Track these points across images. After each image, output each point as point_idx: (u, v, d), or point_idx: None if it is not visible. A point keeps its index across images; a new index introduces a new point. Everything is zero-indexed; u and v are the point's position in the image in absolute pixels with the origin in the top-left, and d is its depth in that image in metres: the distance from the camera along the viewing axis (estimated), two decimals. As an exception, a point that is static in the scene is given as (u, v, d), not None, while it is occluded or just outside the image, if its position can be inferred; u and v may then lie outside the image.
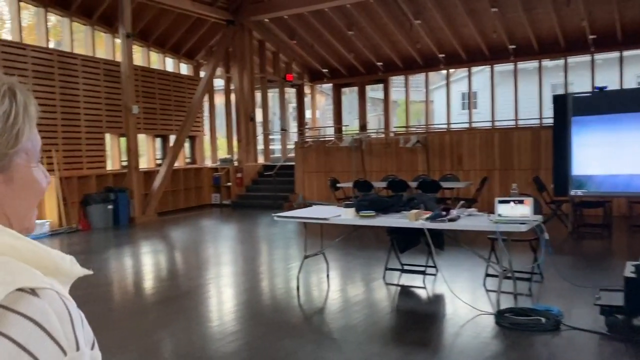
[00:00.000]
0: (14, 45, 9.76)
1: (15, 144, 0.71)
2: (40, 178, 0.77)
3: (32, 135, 0.74)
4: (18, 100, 0.72)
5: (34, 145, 0.75)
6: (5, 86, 0.71)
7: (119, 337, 4.23)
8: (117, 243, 9.19)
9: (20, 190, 0.74)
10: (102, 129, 11.42)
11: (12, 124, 0.70)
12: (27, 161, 0.74)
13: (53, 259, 0.70)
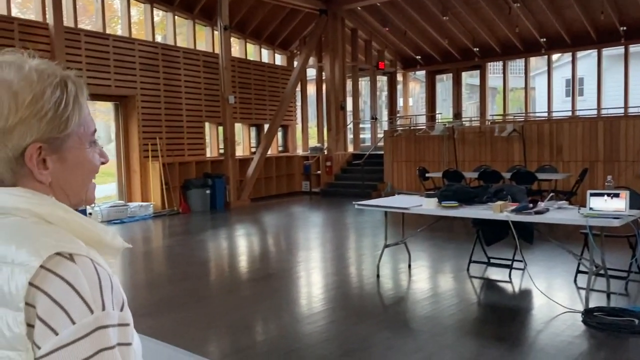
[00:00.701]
0: (123, 40, 10.57)
1: (65, 128, 0.83)
2: (94, 158, 0.90)
3: (83, 121, 0.87)
4: (69, 90, 0.85)
5: (85, 129, 0.87)
6: (57, 78, 0.84)
7: (212, 312, 4.53)
8: (214, 225, 9.72)
9: (73, 168, 0.86)
10: (202, 118, 12.07)
11: (62, 111, 0.82)
12: (79, 143, 0.86)
13: (97, 231, 0.83)
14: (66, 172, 0.85)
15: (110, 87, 10.23)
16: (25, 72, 0.82)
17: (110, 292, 0.78)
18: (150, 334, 3.92)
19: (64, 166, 0.85)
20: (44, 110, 0.81)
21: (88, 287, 0.74)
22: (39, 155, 0.82)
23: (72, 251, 0.76)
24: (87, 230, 0.82)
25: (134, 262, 7.05)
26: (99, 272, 0.77)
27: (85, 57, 9.76)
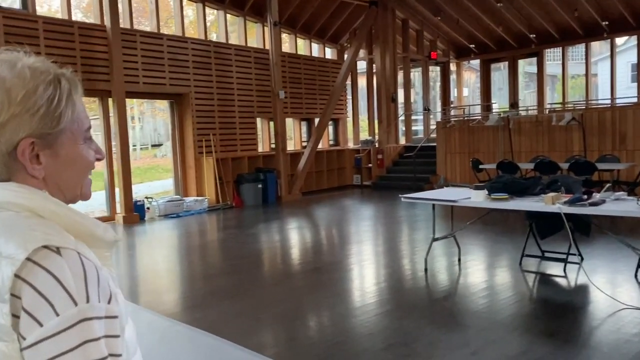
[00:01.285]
0: (177, 39, 10.86)
1: (57, 124, 0.85)
2: (88, 154, 0.91)
3: (76, 117, 0.89)
4: (62, 87, 0.87)
5: (79, 125, 0.89)
6: (51, 75, 0.86)
7: (260, 304, 4.62)
8: (266, 219, 9.87)
9: (67, 164, 0.88)
10: (254, 114, 12.25)
11: (55, 107, 0.84)
12: (72, 139, 0.88)
13: (88, 225, 0.86)
14: (60, 167, 0.87)
15: (165, 86, 10.55)
16: (18, 70, 0.84)
17: (97, 285, 0.79)
18: (198, 324, 4.04)
19: (57, 162, 0.87)
20: (37, 106, 0.83)
21: (72, 279, 0.76)
22: (32, 150, 0.84)
23: (59, 244, 0.78)
24: (78, 224, 0.84)
25: (188, 254, 7.27)
26: (84, 265, 0.78)
27: (141, 57, 10.10)
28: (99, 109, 9.93)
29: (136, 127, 25.48)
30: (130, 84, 9.82)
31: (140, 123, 25.48)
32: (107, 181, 9.81)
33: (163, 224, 9.41)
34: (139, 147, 24.56)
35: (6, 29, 8.30)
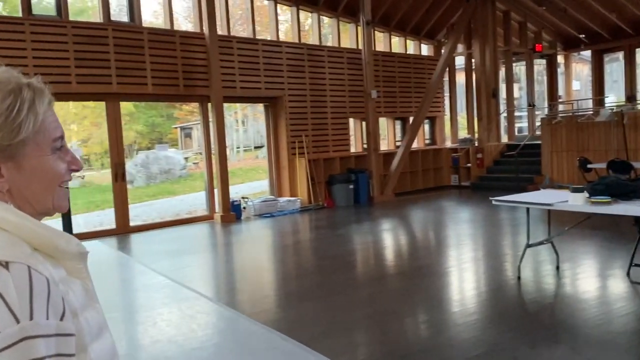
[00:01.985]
0: (272, 43, 11.12)
1: (17, 135, 0.82)
2: (56, 165, 0.87)
3: (41, 127, 0.85)
4: (23, 97, 0.83)
5: (46, 136, 0.86)
6: (11, 85, 0.83)
7: (340, 305, 4.57)
8: (357, 220, 9.81)
9: (33, 176, 0.85)
10: (346, 114, 12.24)
11: (14, 118, 0.81)
12: (37, 150, 0.85)
13: (50, 237, 0.82)
14: (25, 179, 0.84)
15: (260, 90, 10.84)
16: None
17: (46, 301, 0.75)
18: (279, 324, 4.07)
19: (22, 174, 0.84)
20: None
21: (16, 295, 0.72)
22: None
23: (7, 258, 0.75)
24: (40, 236, 0.81)
25: (278, 253, 7.41)
26: (32, 280, 0.75)
27: (237, 62, 10.46)
28: (199, 113, 10.43)
29: (239, 129, 26.60)
30: (227, 89, 10.20)
31: (244, 126, 26.57)
32: (207, 182, 10.27)
33: (257, 223, 9.67)
34: (242, 148, 25.61)
35: (115, 40, 8.96)
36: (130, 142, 24.86)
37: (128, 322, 4.43)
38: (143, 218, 11.70)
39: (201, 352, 3.64)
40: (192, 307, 4.64)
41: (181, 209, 13.08)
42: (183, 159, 20.97)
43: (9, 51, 7.97)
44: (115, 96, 9.12)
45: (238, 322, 4.24)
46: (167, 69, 9.52)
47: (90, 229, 10.77)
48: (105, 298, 5.22)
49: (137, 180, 18.65)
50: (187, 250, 7.59)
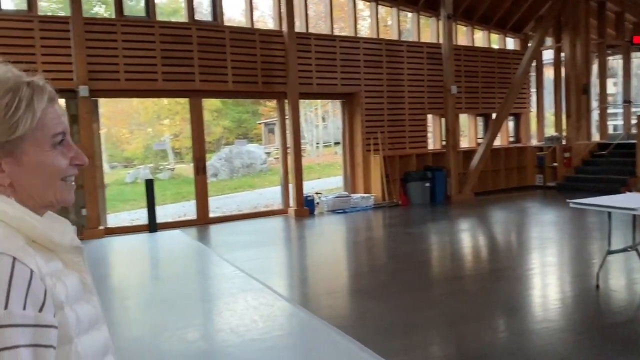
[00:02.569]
0: (349, 39, 11.12)
1: (14, 131, 0.85)
2: (56, 160, 0.90)
3: (40, 124, 0.88)
4: (21, 95, 0.86)
5: (45, 132, 0.88)
6: (9, 84, 0.86)
7: (402, 306, 4.51)
8: (431, 219, 9.61)
9: (33, 171, 0.88)
10: (424, 110, 12.00)
11: (11, 115, 0.84)
12: (36, 146, 0.88)
13: (44, 231, 0.86)
14: (25, 174, 0.87)
15: (337, 86, 10.88)
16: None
17: (25, 292, 0.77)
18: (340, 321, 4.08)
19: (22, 169, 0.87)
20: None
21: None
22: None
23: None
24: (35, 229, 0.84)
25: (347, 250, 7.43)
26: (14, 271, 0.77)
27: (315, 59, 10.56)
28: (277, 110, 10.66)
29: (320, 125, 26.87)
30: (304, 85, 10.33)
31: (324, 122, 26.80)
32: (282, 177, 10.48)
33: (329, 218, 9.74)
34: (322, 144, 25.87)
35: (199, 39, 9.35)
36: (218, 137, 25.89)
37: (195, 311, 4.62)
38: (223, 210, 12.15)
39: (260, 344, 3.73)
40: (257, 299, 4.76)
41: (259, 203, 13.45)
42: (264, 154, 21.52)
43: (102, 50, 8.54)
44: (197, 93, 9.52)
45: (299, 316, 4.31)
46: (247, 67, 9.79)
47: (175, 218, 11.34)
48: (179, 285, 5.49)
49: (221, 174, 19.38)
50: (259, 242, 7.80)
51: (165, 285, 5.76)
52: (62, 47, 8.29)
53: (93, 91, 8.51)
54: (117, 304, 5.01)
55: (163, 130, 25.06)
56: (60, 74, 8.28)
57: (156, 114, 24.94)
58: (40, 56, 8.16)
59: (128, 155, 25.64)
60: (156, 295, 5.36)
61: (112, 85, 8.75)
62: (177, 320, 4.36)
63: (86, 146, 8.44)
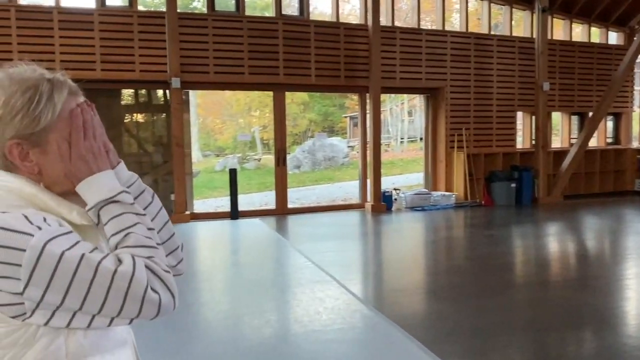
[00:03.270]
0: (436, 33, 10.88)
1: (37, 124, 0.95)
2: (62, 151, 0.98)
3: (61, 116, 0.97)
4: (41, 90, 0.95)
5: (66, 123, 0.97)
6: (30, 81, 0.96)
7: (477, 310, 4.40)
8: (515, 221, 9.22)
9: (56, 160, 0.98)
10: (514, 107, 11.49)
11: (33, 109, 0.94)
12: (60, 137, 0.97)
13: (58, 210, 0.97)
14: (50, 163, 0.97)
15: (421, 81, 10.69)
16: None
17: (42, 219, 0.90)
18: (401, 320, 4.06)
19: (47, 158, 0.97)
20: (15, 110, 0.93)
21: (16, 222, 0.87)
22: (22, 150, 0.96)
23: (5, 210, 0.90)
24: (48, 205, 0.96)
25: (420, 248, 7.32)
26: (27, 216, 0.89)
27: (399, 52, 10.44)
28: (358, 104, 10.66)
29: (405, 120, 26.52)
30: (387, 79, 10.25)
31: (410, 116, 26.42)
32: (361, 171, 10.49)
33: (407, 215, 9.62)
34: (406, 139, 25.53)
35: (285, 33, 9.55)
36: (304, 130, 26.34)
37: (263, 298, 4.77)
38: (302, 201, 12.37)
39: (321, 335, 3.79)
40: (324, 291, 4.83)
41: (338, 196, 13.55)
42: (347, 147, 21.60)
43: (194, 44, 8.97)
44: (281, 86, 9.74)
45: (363, 311, 4.32)
46: (330, 61, 9.87)
47: (256, 207, 11.71)
48: (251, 272, 5.70)
49: (303, 166, 19.72)
50: (332, 235, 7.87)
51: (239, 270, 5.98)
52: (157, 41, 8.79)
53: (184, 83, 8.95)
54: (193, 285, 5.28)
55: (253, 122, 25.89)
56: (154, 67, 8.81)
57: (247, 105, 25.82)
58: (137, 49, 8.71)
59: (220, 144, 26.77)
60: (229, 280, 5.59)
61: (201, 78, 9.16)
62: (244, 305, 4.52)
63: (177, 135, 8.93)
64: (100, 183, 0.97)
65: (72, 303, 0.88)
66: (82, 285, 0.87)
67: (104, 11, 8.62)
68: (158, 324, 4.29)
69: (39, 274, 0.85)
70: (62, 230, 0.91)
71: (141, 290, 0.89)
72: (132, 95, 9.55)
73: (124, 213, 0.96)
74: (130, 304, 0.89)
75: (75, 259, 0.87)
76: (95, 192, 0.96)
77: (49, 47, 8.24)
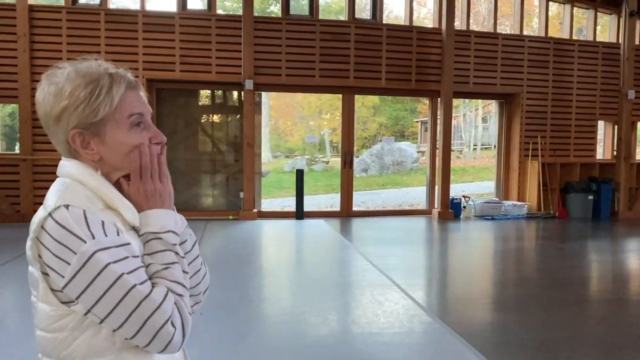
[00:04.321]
0: (513, 37, 10.54)
1: (96, 115, 1.04)
2: (132, 139, 1.07)
3: (119, 107, 1.06)
4: (101, 84, 1.05)
5: (122, 114, 1.06)
6: (93, 75, 1.05)
7: (553, 323, 4.26)
8: (590, 235, 8.77)
9: (114, 148, 1.07)
10: (595, 116, 10.94)
11: (93, 100, 1.03)
12: (116, 127, 1.06)
13: (116, 204, 1.05)
14: (109, 151, 1.07)
15: (495, 86, 10.41)
16: (67, 72, 1.06)
17: (101, 226, 0.98)
18: (459, 328, 3.99)
19: (106, 147, 1.06)
20: (79, 101, 1.03)
21: (76, 225, 0.96)
22: (83, 139, 1.05)
23: (69, 203, 0.99)
24: (109, 198, 1.05)
25: (487, 258, 7.12)
26: (86, 216, 0.98)
27: (474, 57, 10.21)
28: (429, 108, 10.52)
29: (479, 126, 25.82)
30: (459, 84, 10.06)
31: (485, 123, 25.71)
32: (429, 177, 10.35)
33: (475, 224, 9.39)
34: (480, 146, 24.85)
35: (356, 37, 9.60)
36: (374, 133, 26.29)
37: (323, 297, 4.82)
38: (368, 205, 12.36)
39: (378, 337, 3.80)
40: (383, 294, 4.82)
41: (404, 201, 13.42)
42: (416, 153, 21.33)
43: (267, 47, 9.21)
44: (350, 89, 9.80)
45: (422, 317, 4.28)
46: (401, 64, 9.82)
47: (321, 209, 11.83)
48: (313, 271, 5.78)
49: (371, 169, 19.68)
50: (395, 240, 7.82)
51: (301, 269, 6.08)
52: (233, 44, 9.11)
53: (257, 85, 9.22)
54: (257, 281, 5.43)
55: (323, 124, 26.15)
56: (230, 68, 9.12)
57: (318, 108, 26.13)
58: (214, 51, 9.07)
59: (290, 146, 27.24)
60: (291, 278, 5.70)
61: (273, 80, 9.39)
62: (304, 303, 4.60)
63: (248, 135, 9.21)
64: (158, 216, 1.07)
65: (98, 313, 0.97)
66: (111, 301, 0.95)
67: (184, 14, 9.03)
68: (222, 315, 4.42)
69: (80, 277, 0.95)
70: (116, 242, 0.98)
71: (162, 320, 0.97)
72: (209, 96, 9.93)
73: (168, 250, 1.05)
74: (144, 332, 0.96)
75: (114, 276, 0.95)
76: (150, 224, 1.06)
77: (133, 48, 8.74)
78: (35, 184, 8.52)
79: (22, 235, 6.98)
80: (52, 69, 1.08)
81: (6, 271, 5.56)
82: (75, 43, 8.60)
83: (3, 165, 8.52)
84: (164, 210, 1.08)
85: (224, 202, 9.67)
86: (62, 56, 8.55)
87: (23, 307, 4.51)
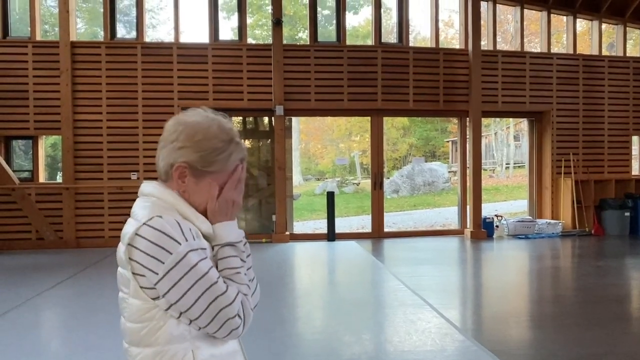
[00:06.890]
0: (541, 56, 10.55)
1: (207, 167, 1.24)
2: (215, 193, 1.27)
3: (224, 170, 1.26)
4: (229, 148, 1.26)
5: (224, 177, 1.27)
6: (229, 137, 1.26)
7: (588, 341, 4.24)
8: (631, 252, 8.59)
9: (199, 192, 1.26)
10: (628, 132, 10.79)
11: (214, 156, 1.24)
12: (213, 182, 1.26)
13: (193, 219, 1.24)
14: (195, 192, 1.26)
15: (524, 104, 10.40)
16: (210, 122, 1.26)
17: (190, 231, 1.18)
18: (492, 346, 4.01)
19: (195, 188, 1.26)
20: (204, 148, 1.23)
21: (172, 229, 1.15)
22: (183, 173, 1.24)
23: (162, 214, 1.19)
24: (185, 213, 1.23)
25: (521, 277, 7.07)
26: (179, 222, 1.18)
27: (501, 76, 10.25)
28: (458, 128, 10.56)
29: (512, 145, 25.56)
30: (488, 103, 10.09)
31: (517, 141, 25.43)
32: (460, 197, 10.33)
33: (508, 243, 9.31)
34: (512, 165, 24.57)
35: (383, 60, 9.78)
36: (404, 154, 26.29)
37: (355, 317, 4.90)
38: (399, 226, 12.37)
39: (410, 356, 3.85)
40: (416, 314, 4.87)
41: (437, 221, 13.37)
42: (447, 173, 21.23)
43: (297, 74, 9.47)
44: (379, 112, 9.94)
45: (454, 335, 4.31)
46: (429, 85, 9.93)
47: (352, 230, 11.91)
48: (346, 292, 5.87)
49: (402, 190, 19.67)
50: (428, 260, 7.82)
51: (334, 289, 6.16)
52: (264, 72, 9.39)
53: (287, 110, 9.45)
54: (290, 301, 5.53)
55: (353, 147, 26.30)
56: (261, 95, 9.40)
57: (348, 130, 26.33)
58: (246, 79, 9.36)
59: (320, 168, 27.45)
60: (324, 298, 5.78)
61: (303, 105, 9.62)
62: (337, 322, 4.68)
63: (279, 159, 9.42)
64: (232, 228, 1.27)
65: (180, 305, 1.16)
66: (195, 294, 1.15)
67: (216, 45, 9.39)
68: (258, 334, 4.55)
69: (173, 273, 1.14)
70: (201, 245, 1.19)
71: (232, 313, 1.18)
72: (241, 122, 10.22)
73: (237, 257, 1.26)
74: (216, 321, 1.17)
75: (200, 273, 1.16)
76: (227, 234, 1.26)
77: (169, 79, 9.11)
78: (77, 212, 8.87)
79: (65, 261, 7.32)
80: (203, 108, 1.30)
81: (52, 294, 5.81)
82: (114, 76, 9.03)
83: (47, 194, 8.90)
84: (233, 222, 1.28)
85: (257, 225, 9.85)
86: (101, 89, 8.99)
87: (70, 328, 4.72)
